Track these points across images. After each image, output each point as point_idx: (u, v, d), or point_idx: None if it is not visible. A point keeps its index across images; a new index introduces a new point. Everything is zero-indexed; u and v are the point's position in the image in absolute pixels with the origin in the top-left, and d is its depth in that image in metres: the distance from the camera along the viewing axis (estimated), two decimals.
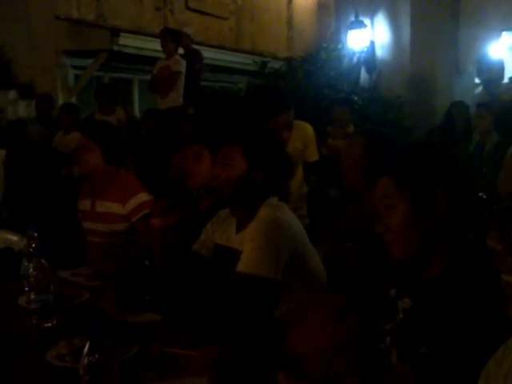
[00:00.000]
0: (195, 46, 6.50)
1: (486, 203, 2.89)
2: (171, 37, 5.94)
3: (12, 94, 6.58)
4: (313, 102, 5.52)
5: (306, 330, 1.33)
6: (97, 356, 1.09)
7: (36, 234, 1.99)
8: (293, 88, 6.35)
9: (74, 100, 6.86)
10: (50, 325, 1.71)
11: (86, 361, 1.10)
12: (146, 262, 2.12)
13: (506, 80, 6.24)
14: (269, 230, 1.85)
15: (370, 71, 6.71)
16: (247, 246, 1.87)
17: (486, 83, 5.29)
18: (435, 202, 1.33)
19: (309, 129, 3.29)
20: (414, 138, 5.56)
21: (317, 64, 6.97)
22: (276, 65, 7.54)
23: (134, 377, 1.37)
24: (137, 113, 7.47)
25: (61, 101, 6.63)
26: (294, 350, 1.28)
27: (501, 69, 5.36)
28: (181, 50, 6.23)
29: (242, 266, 1.85)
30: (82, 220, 2.83)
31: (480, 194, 2.59)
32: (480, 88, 5.61)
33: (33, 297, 1.71)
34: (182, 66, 5.92)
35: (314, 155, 3.35)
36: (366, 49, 7.14)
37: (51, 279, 1.72)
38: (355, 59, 7.07)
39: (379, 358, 1.37)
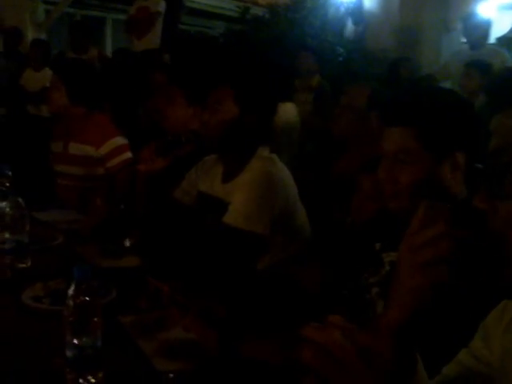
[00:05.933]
0: None
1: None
2: None
3: None
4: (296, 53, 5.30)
5: None
6: (82, 298, 1.07)
7: (10, 173, 1.94)
8: (276, 37, 6.11)
9: (43, 36, 6.53)
10: (24, 266, 1.67)
11: (71, 302, 1.07)
12: (122, 207, 2.11)
13: (493, 41, 6.13)
14: (262, 183, 1.78)
15: (356, 23, 6.48)
16: (237, 197, 1.80)
17: (471, 43, 5.14)
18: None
19: None
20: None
21: (302, 12, 6.72)
22: (258, 11, 7.27)
23: (114, 321, 1.36)
24: (109, 54, 7.15)
25: (30, 36, 6.29)
26: None
27: (486, 29, 5.20)
28: None
29: (229, 218, 1.78)
30: (53, 162, 2.70)
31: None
32: (465, 47, 5.47)
33: (7, 236, 1.66)
34: (161, 6, 5.65)
35: None
36: None
37: (28, 220, 1.68)
38: (342, 9, 6.82)
39: (364, 309, 1.34)
